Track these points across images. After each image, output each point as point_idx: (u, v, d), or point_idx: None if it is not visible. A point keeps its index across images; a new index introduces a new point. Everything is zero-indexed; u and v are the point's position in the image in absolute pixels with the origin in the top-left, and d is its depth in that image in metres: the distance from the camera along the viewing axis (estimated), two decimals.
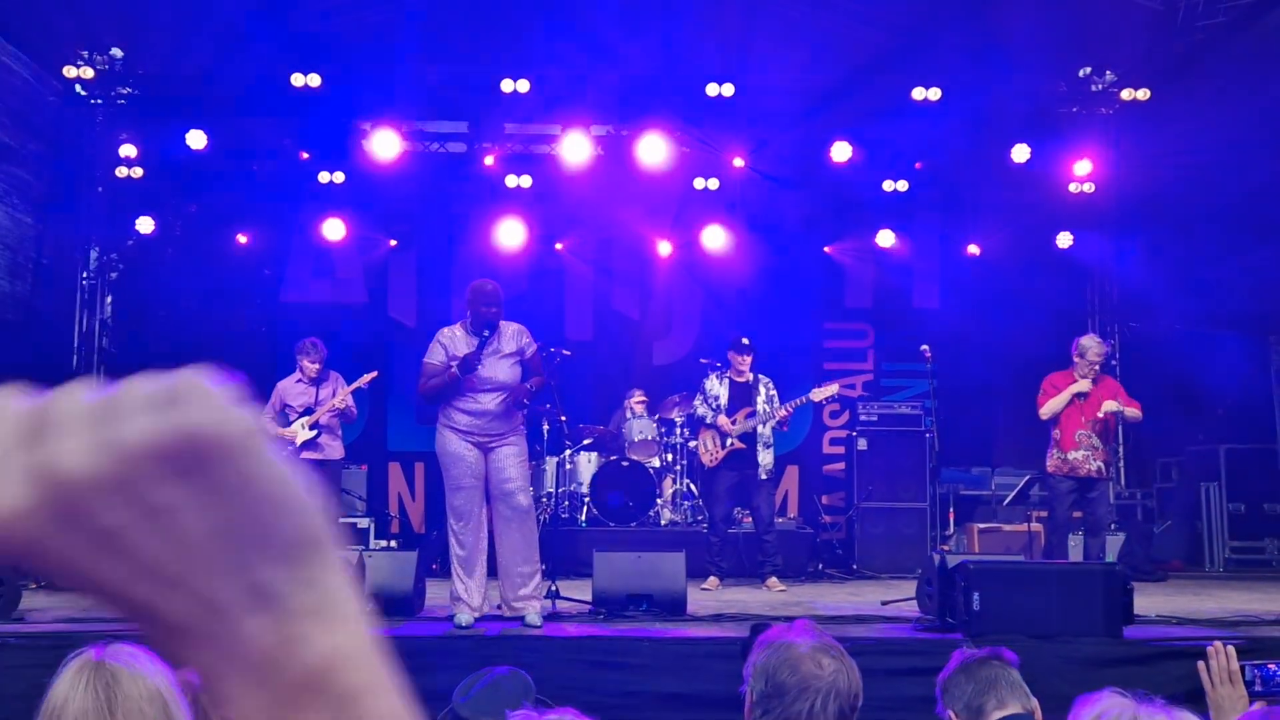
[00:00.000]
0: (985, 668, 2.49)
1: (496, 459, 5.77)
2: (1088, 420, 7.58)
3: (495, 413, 5.73)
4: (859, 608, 6.75)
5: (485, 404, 5.71)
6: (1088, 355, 7.64)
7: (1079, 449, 7.58)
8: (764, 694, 1.95)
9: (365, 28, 11.44)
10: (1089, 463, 7.57)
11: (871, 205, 12.35)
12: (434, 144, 12.39)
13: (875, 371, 12.61)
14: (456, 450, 5.71)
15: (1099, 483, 7.62)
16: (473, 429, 5.72)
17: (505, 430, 5.80)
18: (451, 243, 12.61)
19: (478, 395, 5.70)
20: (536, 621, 5.57)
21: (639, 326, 12.59)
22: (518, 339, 5.85)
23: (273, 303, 12.56)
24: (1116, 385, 7.97)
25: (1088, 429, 7.59)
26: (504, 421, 5.78)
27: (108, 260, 12.55)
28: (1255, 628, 5.67)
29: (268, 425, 7.30)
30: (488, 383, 5.71)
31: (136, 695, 1.85)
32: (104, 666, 1.87)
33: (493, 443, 5.77)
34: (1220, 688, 2.44)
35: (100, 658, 1.89)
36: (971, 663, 2.51)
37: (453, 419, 5.74)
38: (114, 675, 1.86)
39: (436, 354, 5.79)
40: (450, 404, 5.75)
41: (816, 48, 11.31)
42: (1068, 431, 7.64)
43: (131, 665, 1.89)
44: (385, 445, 12.24)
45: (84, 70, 10.99)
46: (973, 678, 2.47)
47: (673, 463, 10.38)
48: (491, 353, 5.73)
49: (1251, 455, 11.24)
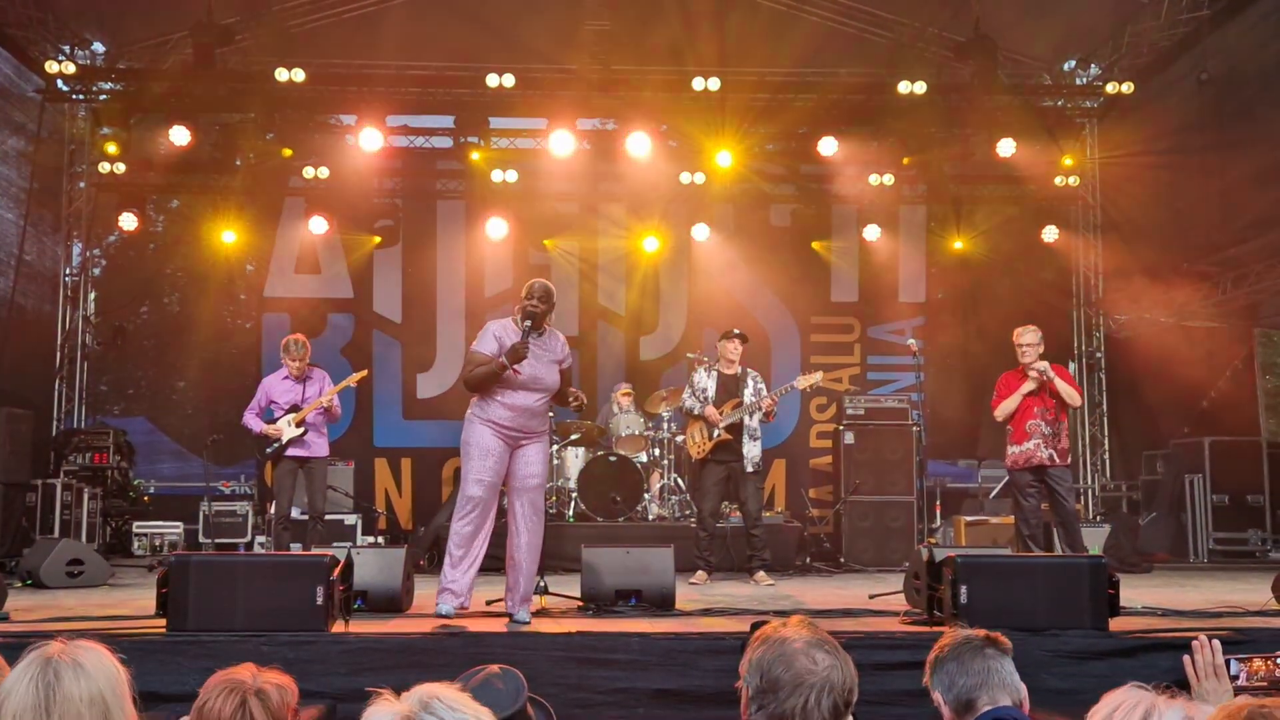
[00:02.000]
0: (980, 659, 2.47)
1: (524, 455, 5.80)
2: (1039, 410, 7.68)
3: (535, 411, 5.80)
4: (847, 601, 6.77)
5: (528, 402, 5.75)
6: (1023, 343, 7.73)
7: (1030, 439, 7.67)
8: (759, 689, 1.95)
9: (349, 23, 11.38)
10: (1040, 451, 7.64)
11: (858, 199, 12.39)
12: (419, 139, 12.35)
13: (862, 365, 12.65)
14: (488, 444, 5.71)
15: (1054, 470, 7.65)
16: (511, 424, 5.74)
17: (538, 429, 5.88)
18: (437, 238, 12.59)
19: (522, 393, 5.73)
20: (526, 618, 5.57)
21: (626, 322, 12.59)
22: (564, 349, 5.93)
23: (257, 298, 12.52)
24: (1067, 374, 8.01)
25: (1038, 418, 7.69)
26: (538, 420, 5.86)
27: (90, 256, 12.48)
28: (1240, 619, 5.70)
29: (252, 422, 7.24)
30: (535, 382, 5.74)
31: (76, 697, 1.82)
32: (51, 664, 1.85)
33: (523, 440, 5.80)
34: (1205, 681, 2.46)
35: (53, 655, 1.87)
36: (965, 651, 2.49)
37: (491, 413, 5.73)
38: (58, 674, 1.84)
39: (488, 344, 5.76)
40: (491, 397, 5.74)
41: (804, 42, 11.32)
42: (1019, 424, 7.74)
43: (79, 666, 1.86)
44: (371, 442, 12.22)
45: (65, 66, 10.90)
46: (966, 669, 2.46)
47: (660, 457, 10.39)
48: (542, 354, 5.76)
49: (1235, 447, 11.32)
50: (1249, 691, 2.45)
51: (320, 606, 4.95)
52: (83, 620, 5.49)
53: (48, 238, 12.04)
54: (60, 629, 5.06)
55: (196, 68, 10.73)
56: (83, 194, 12.22)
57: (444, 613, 5.52)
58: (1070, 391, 7.72)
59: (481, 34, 11.03)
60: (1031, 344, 7.75)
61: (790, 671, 1.94)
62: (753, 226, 12.55)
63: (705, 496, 8.50)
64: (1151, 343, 11.71)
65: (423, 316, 12.52)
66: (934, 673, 2.52)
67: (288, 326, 11.69)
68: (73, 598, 6.97)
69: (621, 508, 9.88)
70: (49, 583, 7.63)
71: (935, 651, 2.54)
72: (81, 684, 1.84)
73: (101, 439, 11.38)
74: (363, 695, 5.01)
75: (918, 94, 10.98)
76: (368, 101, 11.35)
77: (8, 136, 11.21)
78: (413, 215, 12.56)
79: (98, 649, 1.93)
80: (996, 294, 12.15)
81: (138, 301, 12.75)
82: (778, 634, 2.01)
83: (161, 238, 13.11)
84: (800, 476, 12.10)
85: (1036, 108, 11.52)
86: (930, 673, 2.53)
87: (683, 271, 12.59)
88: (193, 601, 4.94)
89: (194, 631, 4.86)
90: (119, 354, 12.44)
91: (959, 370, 12.39)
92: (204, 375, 12.29)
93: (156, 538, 10.79)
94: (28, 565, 7.90)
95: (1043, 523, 7.96)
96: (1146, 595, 6.90)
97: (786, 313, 12.67)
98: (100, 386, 12.59)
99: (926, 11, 11.20)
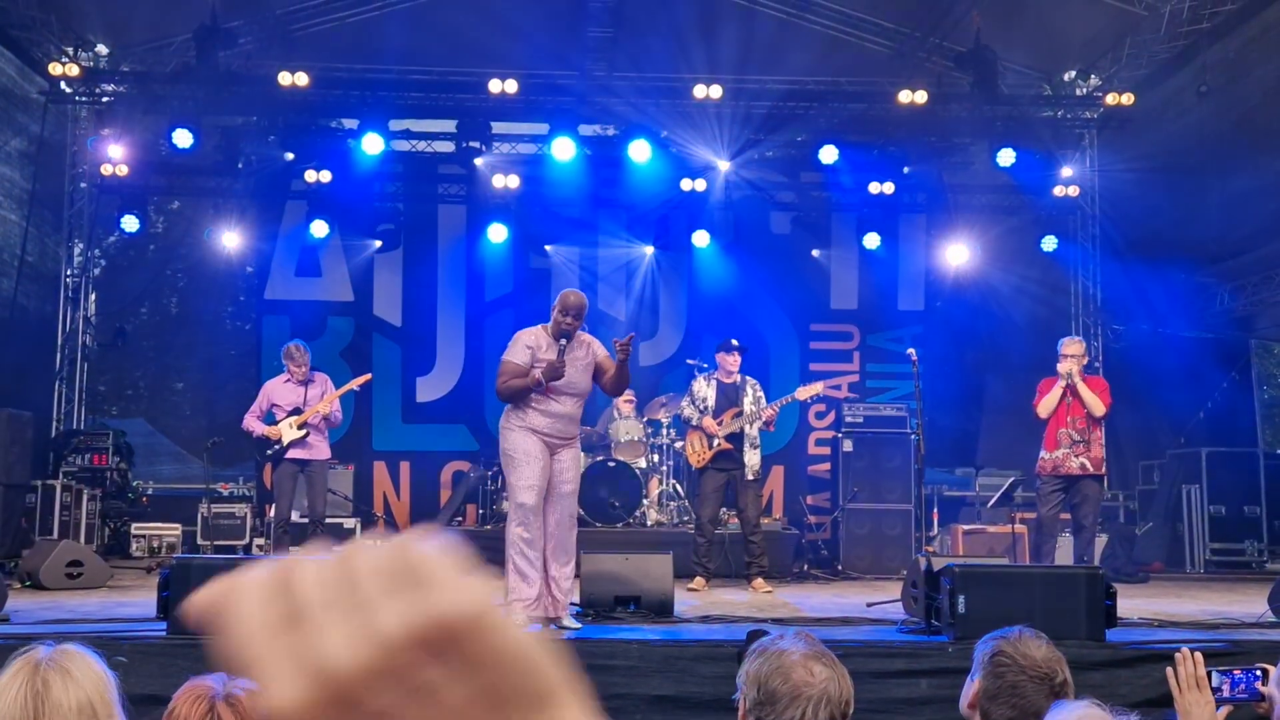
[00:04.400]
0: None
1: (560, 461, 5.84)
2: (1071, 418, 7.69)
3: (571, 415, 5.86)
4: (844, 609, 6.79)
5: (566, 408, 5.81)
6: (1065, 353, 7.77)
7: (1059, 447, 7.70)
8: (756, 701, 1.97)
9: (352, 26, 11.42)
10: (1070, 460, 7.67)
11: (858, 208, 12.43)
12: (420, 143, 12.38)
13: (860, 373, 12.67)
14: (532, 450, 5.72)
15: (1085, 480, 7.68)
16: (550, 431, 5.78)
17: (573, 433, 5.94)
18: (437, 242, 12.61)
19: (560, 399, 5.78)
20: (575, 625, 5.63)
21: (626, 328, 12.60)
22: (592, 348, 5.94)
23: (257, 301, 12.53)
24: (1103, 384, 8.06)
25: (1069, 427, 7.70)
26: (574, 425, 5.94)
27: (91, 257, 12.50)
28: (1235, 630, 5.73)
29: (253, 424, 7.25)
30: (570, 387, 5.79)
31: (66, 705, 1.83)
32: (40, 670, 1.84)
33: (561, 444, 5.85)
34: (1188, 694, 2.47)
35: (41, 660, 1.87)
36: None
37: (530, 420, 5.76)
38: (46, 681, 1.83)
39: (520, 354, 5.77)
40: (529, 405, 5.77)
41: (804, 51, 11.36)
42: (1051, 431, 7.77)
43: (67, 673, 1.86)
44: (370, 445, 12.23)
45: (69, 68, 10.92)
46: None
47: (659, 463, 10.41)
48: (575, 361, 5.80)
49: (1232, 458, 11.35)
50: (1230, 704, 2.47)
51: None
52: (82, 623, 5.50)
53: (49, 239, 12.06)
54: (60, 632, 5.08)
55: (199, 70, 10.75)
56: (85, 195, 12.24)
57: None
58: (1091, 399, 7.68)
59: (484, 40, 11.06)
60: (1070, 355, 7.73)
61: (787, 684, 1.96)
62: (753, 234, 12.58)
63: (704, 503, 8.51)
64: (1149, 353, 11.75)
65: (423, 321, 12.53)
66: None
67: (288, 329, 11.71)
68: (72, 600, 6.98)
69: (620, 513, 9.90)
70: (48, 584, 7.64)
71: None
72: (70, 691, 1.84)
73: (101, 440, 11.39)
74: None
75: (918, 103, 11.02)
76: (370, 106, 11.38)
77: (10, 138, 11.24)
78: (414, 219, 12.58)
79: (85, 655, 1.93)
80: (995, 303, 12.18)
81: (138, 303, 12.78)
82: (775, 646, 2.03)
83: (162, 239, 13.14)
84: (798, 483, 12.11)
85: (1036, 118, 11.57)
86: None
87: (682, 278, 12.61)
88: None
89: (194, 635, 4.87)
90: (119, 355, 12.46)
91: (957, 379, 12.41)
92: (204, 377, 12.32)
93: (155, 539, 10.78)
94: (27, 567, 7.91)
95: (1056, 535, 7.96)
96: (1143, 606, 6.92)
97: (786, 320, 12.69)
98: (100, 388, 12.61)
99: (927, 22, 11.25)
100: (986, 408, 12.26)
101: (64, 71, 10.89)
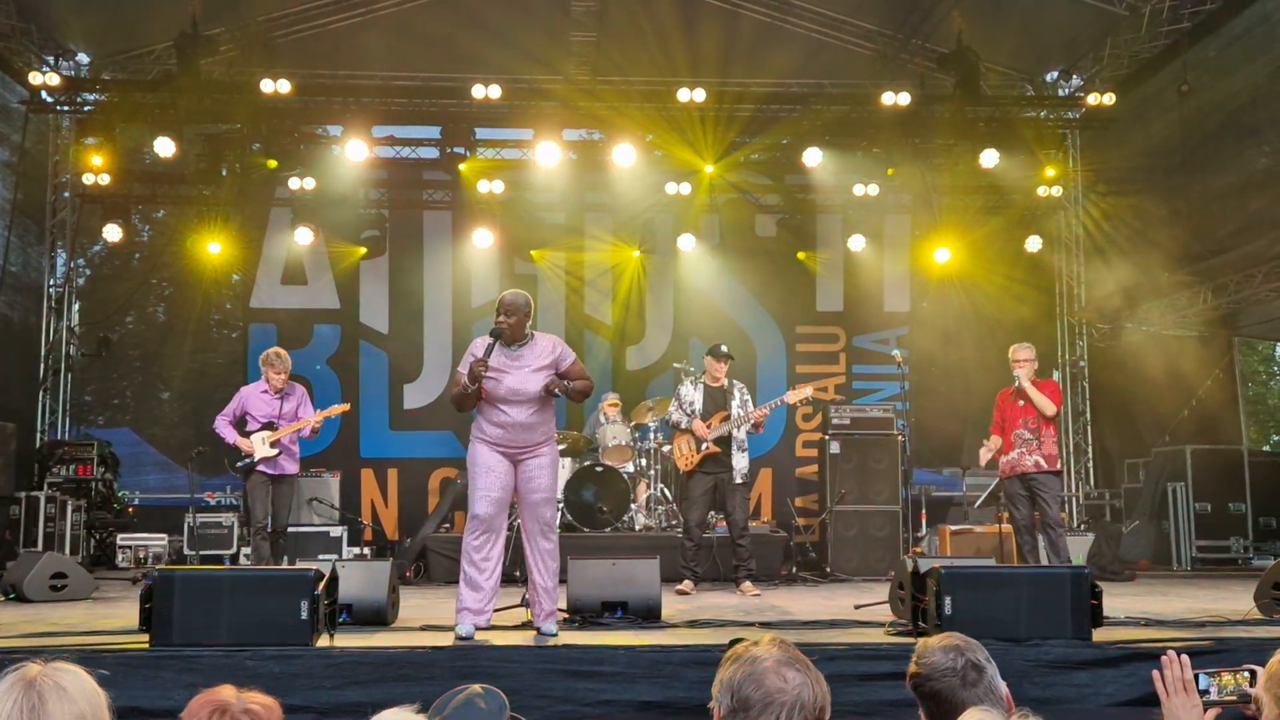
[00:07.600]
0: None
1: (526, 470, 5.71)
2: (1024, 419, 7.99)
3: (525, 424, 5.65)
4: (832, 611, 6.79)
5: (515, 416, 5.63)
6: (1017, 358, 8.10)
7: (1015, 448, 8.01)
8: (731, 709, 1.96)
9: (335, 33, 11.39)
10: (1025, 459, 7.95)
11: (843, 210, 12.45)
12: (405, 150, 12.35)
13: (847, 374, 12.69)
14: (487, 460, 5.65)
15: (1041, 476, 7.91)
16: (503, 440, 5.67)
17: (536, 441, 5.73)
18: (423, 249, 12.59)
19: (506, 407, 5.63)
20: (553, 630, 5.59)
21: (612, 332, 12.61)
22: (552, 353, 5.75)
23: (243, 309, 12.49)
24: (1054, 385, 8.36)
25: (1022, 428, 7.99)
26: (534, 433, 5.71)
27: (75, 267, 12.44)
28: (1221, 628, 5.74)
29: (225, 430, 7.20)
30: (516, 395, 5.64)
31: (61, 719, 1.83)
32: (34, 686, 1.84)
33: (524, 454, 5.72)
34: (1174, 697, 2.47)
35: (34, 677, 1.87)
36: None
37: (484, 431, 5.70)
38: (42, 698, 1.83)
39: (465, 362, 5.74)
40: (482, 415, 5.71)
41: (787, 54, 11.38)
42: (1006, 435, 8.09)
43: (61, 689, 1.86)
44: (358, 453, 12.19)
45: (50, 77, 10.86)
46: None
47: (647, 467, 10.40)
48: (520, 365, 5.66)
49: (1217, 456, 11.40)
50: (1218, 705, 2.47)
51: (305, 620, 4.94)
52: (66, 636, 5.46)
53: (32, 249, 11.99)
54: (43, 645, 5.04)
55: (181, 78, 10.71)
56: (67, 205, 12.18)
57: (462, 634, 5.42)
58: (1041, 400, 7.98)
59: (468, 45, 11.05)
60: (1022, 359, 8.11)
61: (761, 690, 1.95)
62: (738, 237, 12.60)
63: (692, 507, 8.50)
64: (1133, 352, 11.80)
65: (409, 327, 12.51)
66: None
67: (274, 337, 11.68)
68: (56, 612, 6.93)
69: (608, 518, 9.88)
70: (32, 597, 7.58)
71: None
72: (65, 707, 1.84)
73: (86, 450, 11.32)
74: (348, 710, 4.99)
75: (901, 105, 11.05)
76: (354, 112, 11.35)
77: None
78: (399, 226, 12.56)
79: (77, 670, 1.92)
80: (980, 304, 12.22)
81: (122, 312, 12.70)
82: (749, 653, 2.01)
83: (147, 248, 13.08)
84: (786, 486, 12.12)
85: (1019, 119, 11.61)
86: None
87: (668, 282, 12.62)
88: (177, 616, 4.92)
89: (178, 646, 4.84)
90: (103, 365, 12.39)
91: (943, 379, 12.45)
92: (189, 386, 12.26)
93: (141, 550, 10.73)
94: (11, 579, 7.85)
95: (1035, 533, 8.05)
96: (1129, 604, 6.94)
97: (772, 322, 12.72)
98: (85, 397, 12.54)
99: (909, 24, 11.28)
100: (973, 408, 12.28)
101: (45, 81, 10.83)
